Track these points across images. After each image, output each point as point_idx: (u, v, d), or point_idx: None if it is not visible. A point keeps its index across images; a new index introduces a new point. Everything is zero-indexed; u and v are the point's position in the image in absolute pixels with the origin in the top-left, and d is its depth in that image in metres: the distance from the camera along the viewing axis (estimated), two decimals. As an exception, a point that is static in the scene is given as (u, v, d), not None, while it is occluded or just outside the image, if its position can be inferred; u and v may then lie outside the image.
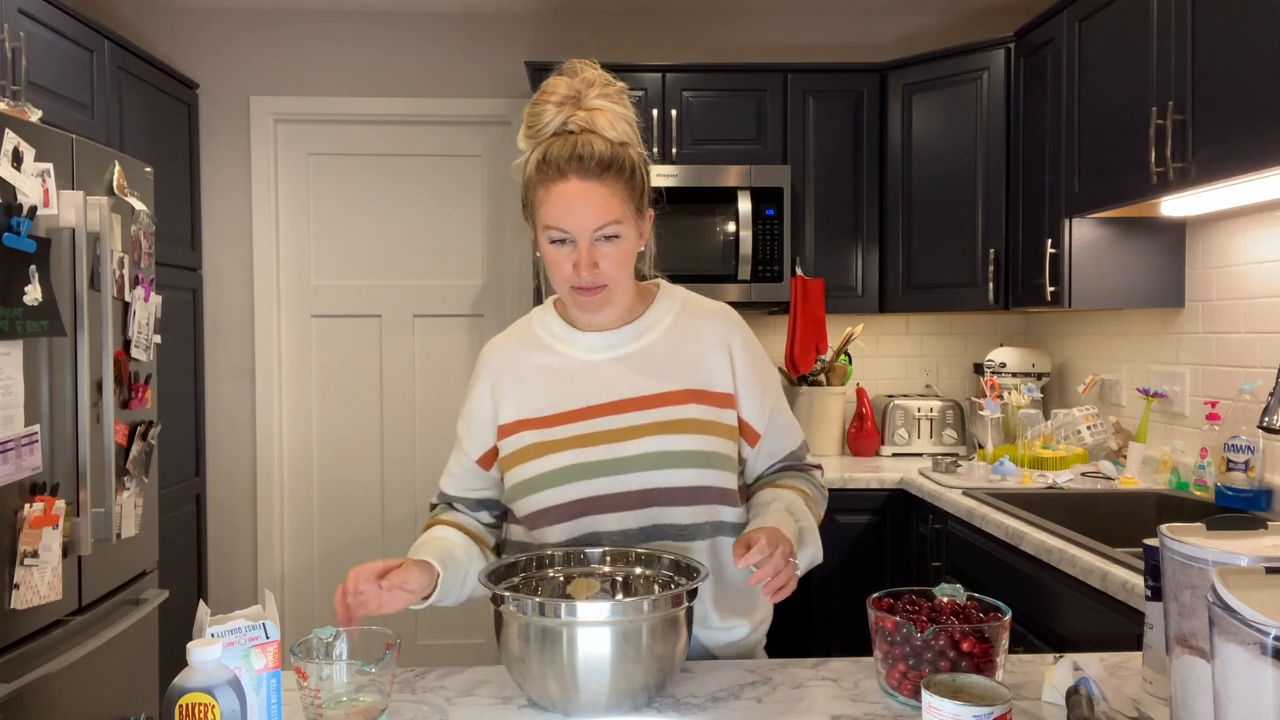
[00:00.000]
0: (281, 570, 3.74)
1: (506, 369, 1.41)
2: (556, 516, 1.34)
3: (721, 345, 1.40)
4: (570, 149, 1.27)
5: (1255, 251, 2.41)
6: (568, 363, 1.38)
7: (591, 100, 1.29)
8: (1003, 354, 3.41)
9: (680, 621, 1.13)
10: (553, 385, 1.37)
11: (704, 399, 1.36)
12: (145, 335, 2.50)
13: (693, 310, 1.43)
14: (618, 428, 1.33)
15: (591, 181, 1.26)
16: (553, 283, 1.34)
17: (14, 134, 1.95)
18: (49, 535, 2.03)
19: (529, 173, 1.32)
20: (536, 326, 1.44)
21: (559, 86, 1.30)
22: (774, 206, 3.22)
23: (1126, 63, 2.38)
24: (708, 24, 3.71)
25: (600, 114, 1.29)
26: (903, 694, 1.14)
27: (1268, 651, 0.73)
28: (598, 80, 1.31)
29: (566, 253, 1.29)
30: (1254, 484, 2.29)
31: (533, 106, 1.31)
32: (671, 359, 1.38)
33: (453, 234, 3.78)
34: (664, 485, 1.33)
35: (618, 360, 1.37)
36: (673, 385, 1.36)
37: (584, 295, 1.31)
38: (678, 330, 1.40)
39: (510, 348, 1.43)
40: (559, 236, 1.29)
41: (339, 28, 3.68)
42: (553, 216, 1.28)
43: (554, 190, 1.28)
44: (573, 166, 1.26)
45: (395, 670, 1.13)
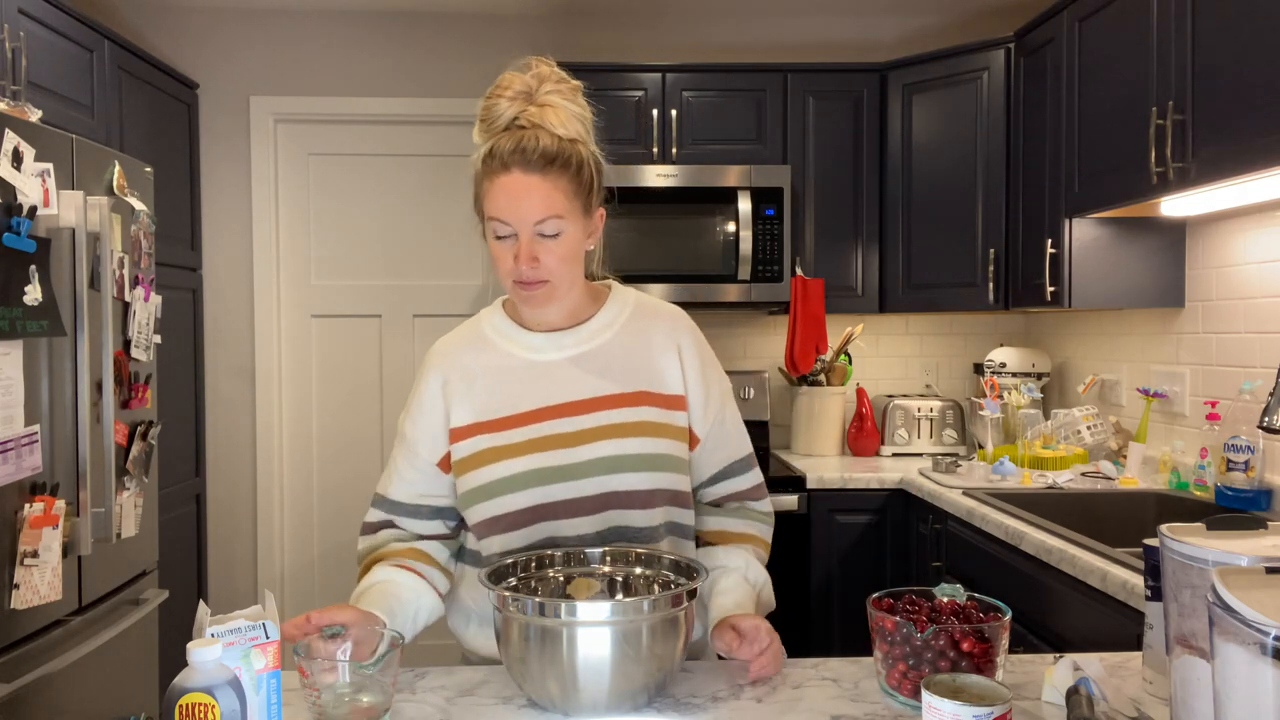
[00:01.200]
0: (281, 570, 3.74)
1: (456, 369, 1.38)
2: (512, 523, 1.32)
3: (672, 346, 1.39)
4: (515, 143, 1.26)
5: (1255, 251, 2.41)
6: (516, 363, 1.36)
7: (544, 96, 1.29)
8: (1003, 354, 3.41)
9: (680, 621, 1.13)
10: (503, 385, 1.35)
11: (655, 401, 1.36)
12: (145, 335, 2.50)
13: (644, 312, 1.42)
14: (571, 431, 1.32)
15: (534, 175, 1.26)
16: (498, 277, 1.32)
17: (14, 134, 1.95)
18: (49, 535, 2.03)
19: (477, 167, 1.31)
20: (485, 326, 1.41)
21: (513, 82, 1.30)
22: (774, 206, 3.22)
23: (1126, 63, 2.38)
24: (708, 24, 3.72)
25: (551, 110, 1.29)
26: (903, 694, 1.14)
27: (1268, 651, 0.73)
28: (551, 76, 1.31)
29: (508, 246, 1.28)
30: (1254, 484, 2.29)
31: (486, 100, 1.31)
32: (623, 360, 1.36)
33: (453, 234, 3.78)
34: (619, 489, 1.32)
35: (568, 361, 1.35)
36: (624, 387, 1.35)
37: (525, 289, 1.29)
38: (629, 332, 1.39)
39: (460, 347, 1.40)
40: (502, 230, 1.28)
41: (339, 28, 3.68)
42: (494, 208, 1.27)
43: (496, 182, 1.27)
44: (515, 159, 1.25)
45: (398, 670, 1.13)
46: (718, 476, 1.46)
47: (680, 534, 1.40)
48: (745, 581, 1.37)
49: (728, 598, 1.34)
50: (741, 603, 1.33)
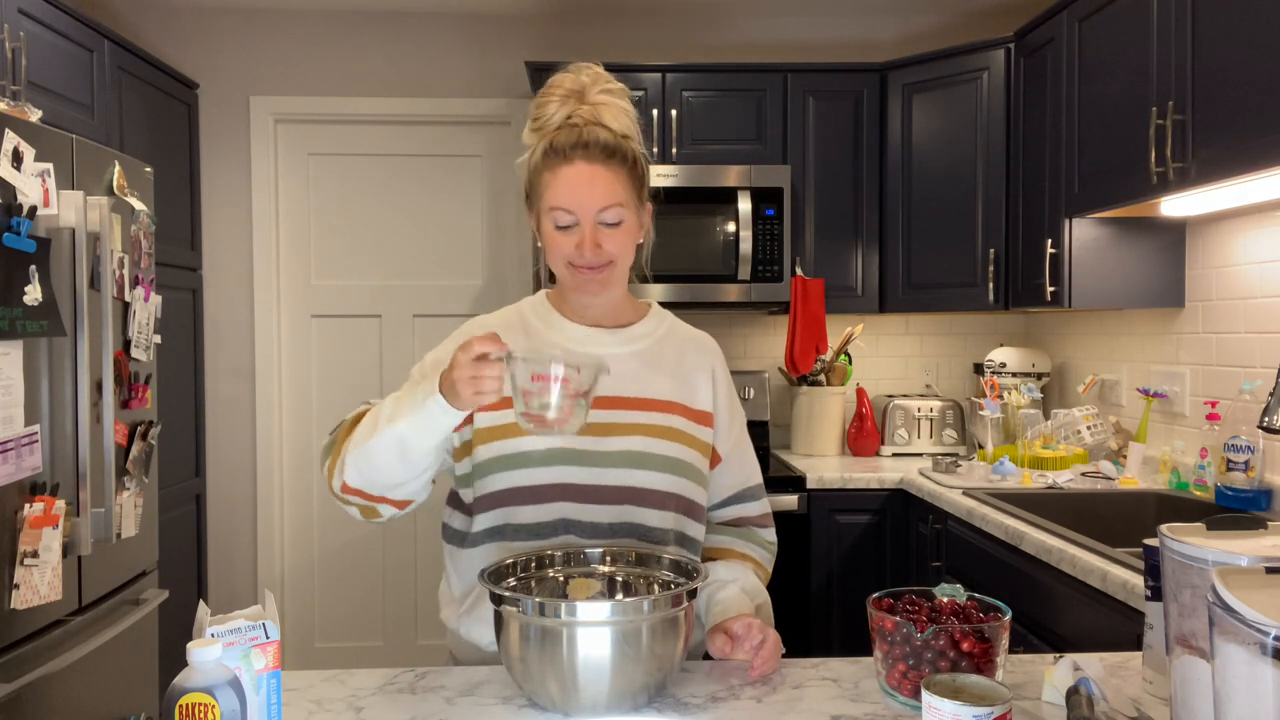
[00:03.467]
0: (281, 570, 3.74)
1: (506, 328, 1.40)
2: (533, 496, 1.33)
3: (707, 368, 1.45)
4: (576, 136, 1.31)
5: (1255, 251, 2.41)
6: (555, 350, 1.38)
7: (595, 96, 1.34)
8: (1003, 354, 3.41)
9: (680, 621, 1.13)
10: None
11: (684, 412, 1.40)
12: (145, 335, 2.50)
13: (680, 332, 1.48)
14: (603, 422, 1.34)
15: (596, 165, 1.31)
16: (553, 264, 1.36)
17: (14, 134, 1.95)
18: (49, 535, 2.03)
19: (535, 162, 1.35)
20: (527, 312, 1.45)
21: (563, 82, 1.35)
22: (774, 206, 3.22)
23: (1126, 63, 2.38)
24: (708, 24, 3.72)
25: (604, 108, 1.34)
26: (903, 694, 1.14)
27: (1268, 651, 0.73)
28: (600, 78, 1.36)
29: (570, 235, 1.32)
30: (1254, 484, 2.29)
31: (538, 101, 1.36)
32: (659, 369, 1.41)
33: (453, 234, 3.78)
34: (639, 485, 1.34)
35: (607, 357, 1.38)
36: (658, 393, 1.39)
37: (586, 273, 1.33)
38: (667, 345, 1.44)
39: (502, 325, 1.42)
40: (564, 220, 1.31)
41: (339, 28, 3.68)
42: (558, 198, 1.31)
43: (560, 173, 1.31)
44: (578, 152, 1.30)
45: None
46: (731, 500, 1.49)
47: (688, 546, 1.41)
48: (742, 593, 1.38)
49: (723, 608, 1.35)
50: (738, 611, 1.34)
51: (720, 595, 1.37)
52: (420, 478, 1.29)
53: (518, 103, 3.68)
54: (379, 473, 1.26)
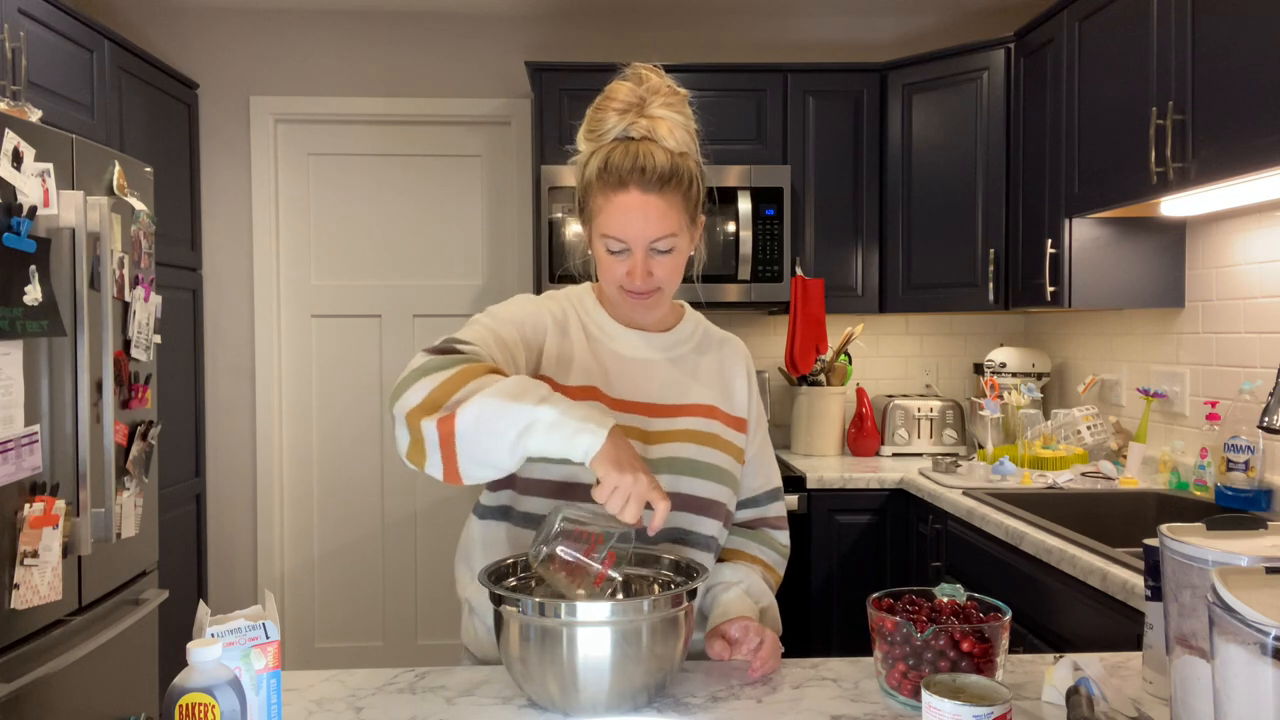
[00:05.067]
0: (281, 570, 3.74)
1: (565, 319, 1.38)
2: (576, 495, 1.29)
3: (743, 372, 1.47)
4: (632, 160, 1.27)
5: (1255, 251, 2.41)
6: (603, 352, 1.39)
7: (654, 109, 1.30)
8: (1003, 354, 3.41)
9: (680, 621, 1.13)
10: (581, 363, 1.37)
11: (723, 418, 1.41)
12: (145, 335, 2.50)
13: (712, 334, 1.49)
14: (651, 430, 1.34)
15: (651, 194, 1.28)
16: (604, 284, 1.36)
17: (14, 134, 1.95)
18: (49, 535, 2.03)
19: (589, 177, 1.32)
20: (577, 304, 1.43)
21: (621, 92, 1.31)
22: (774, 206, 3.22)
23: (1126, 63, 2.38)
24: (708, 24, 3.72)
25: (662, 122, 1.30)
26: (903, 694, 1.14)
27: (1268, 651, 0.73)
28: (662, 88, 1.31)
29: (622, 260, 1.31)
30: (1254, 484, 2.29)
31: (595, 110, 1.32)
32: (697, 374, 1.42)
33: (453, 234, 3.78)
34: (685, 492, 1.34)
35: (650, 364, 1.39)
36: (700, 399, 1.40)
37: (635, 298, 1.34)
38: (704, 349, 1.45)
39: (555, 307, 1.40)
40: (616, 247, 1.30)
41: (339, 28, 3.68)
42: (611, 226, 1.29)
43: (614, 200, 1.28)
44: (634, 178, 1.27)
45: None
46: (751, 501, 1.50)
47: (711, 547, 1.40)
48: (746, 595, 1.38)
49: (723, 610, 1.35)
50: (740, 614, 1.33)
51: (723, 597, 1.37)
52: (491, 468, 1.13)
53: (518, 103, 3.68)
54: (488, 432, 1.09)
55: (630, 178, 1.27)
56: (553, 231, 3.20)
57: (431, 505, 3.79)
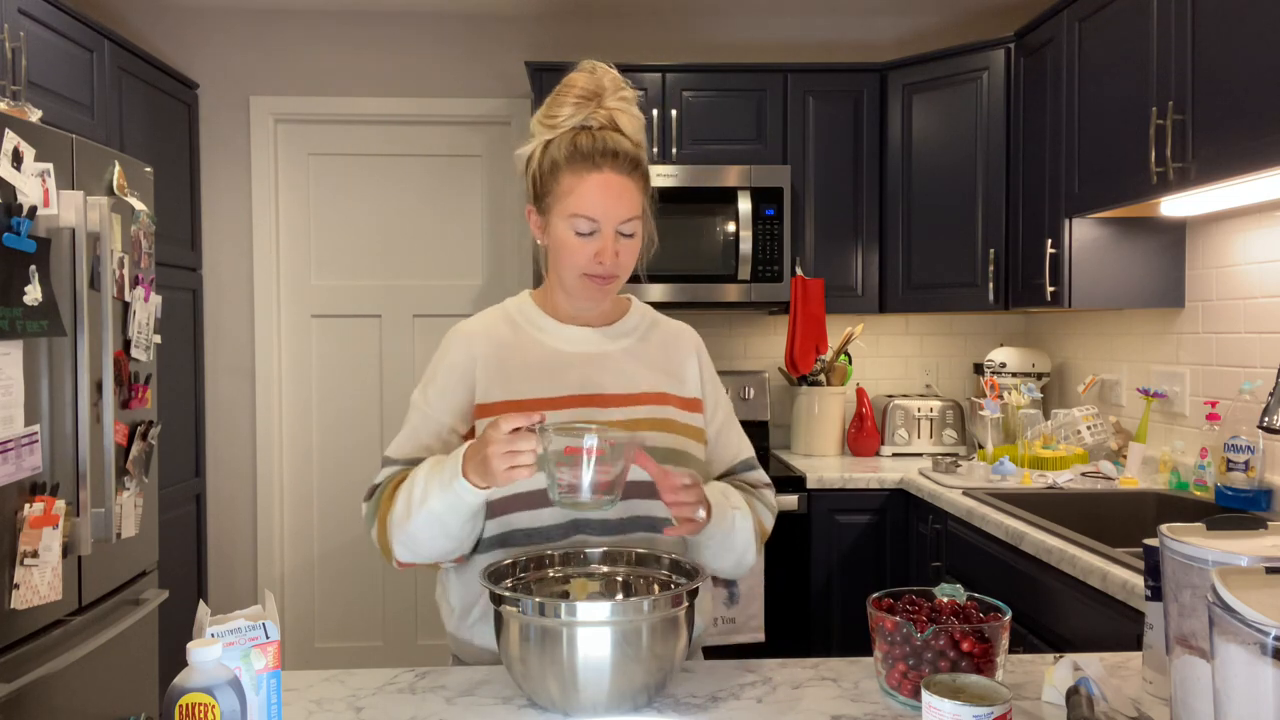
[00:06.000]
0: (281, 570, 3.74)
1: (486, 348, 1.41)
2: (540, 501, 1.31)
3: (691, 355, 1.49)
4: (603, 143, 1.32)
5: (1255, 251, 2.41)
6: (547, 352, 1.41)
7: (611, 100, 1.35)
8: (1003, 354, 3.41)
9: (680, 621, 1.13)
10: (535, 370, 1.39)
11: (676, 402, 1.43)
12: (145, 335, 2.50)
13: (661, 324, 1.52)
14: (612, 420, 1.36)
15: (623, 176, 1.33)
16: (563, 270, 1.36)
17: (14, 134, 1.95)
18: (49, 535, 2.03)
19: (553, 159, 1.34)
20: (514, 313, 1.46)
21: (580, 81, 1.35)
22: (774, 206, 3.22)
23: (1126, 63, 2.38)
24: (708, 24, 3.72)
25: (621, 115, 1.36)
26: (903, 694, 1.14)
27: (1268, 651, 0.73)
28: (617, 82, 1.37)
29: (590, 242, 1.34)
30: (1254, 484, 2.29)
31: (554, 98, 1.36)
32: (649, 362, 1.44)
33: (453, 234, 3.78)
34: (643, 479, 1.33)
35: (598, 355, 1.42)
36: (651, 386, 1.42)
37: (597, 283, 1.36)
38: (651, 339, 1.48)
39: (487, 331, 1.43)
40: (585, 227, 1.33)
41: (339, 28, 3.68)
42: (584, 205, 1.32)
43: (588, 180, 1.32)
44: (608, 160, 1.32)
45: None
46: (729, 473, 1.51)
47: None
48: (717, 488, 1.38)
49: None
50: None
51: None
52: (469, 540, 1.32)
53: (518, 103, 3.68)
54: (425, 547, 1.29)
55: (603, 160, 1.32)
56: (553, 231, 3.20)
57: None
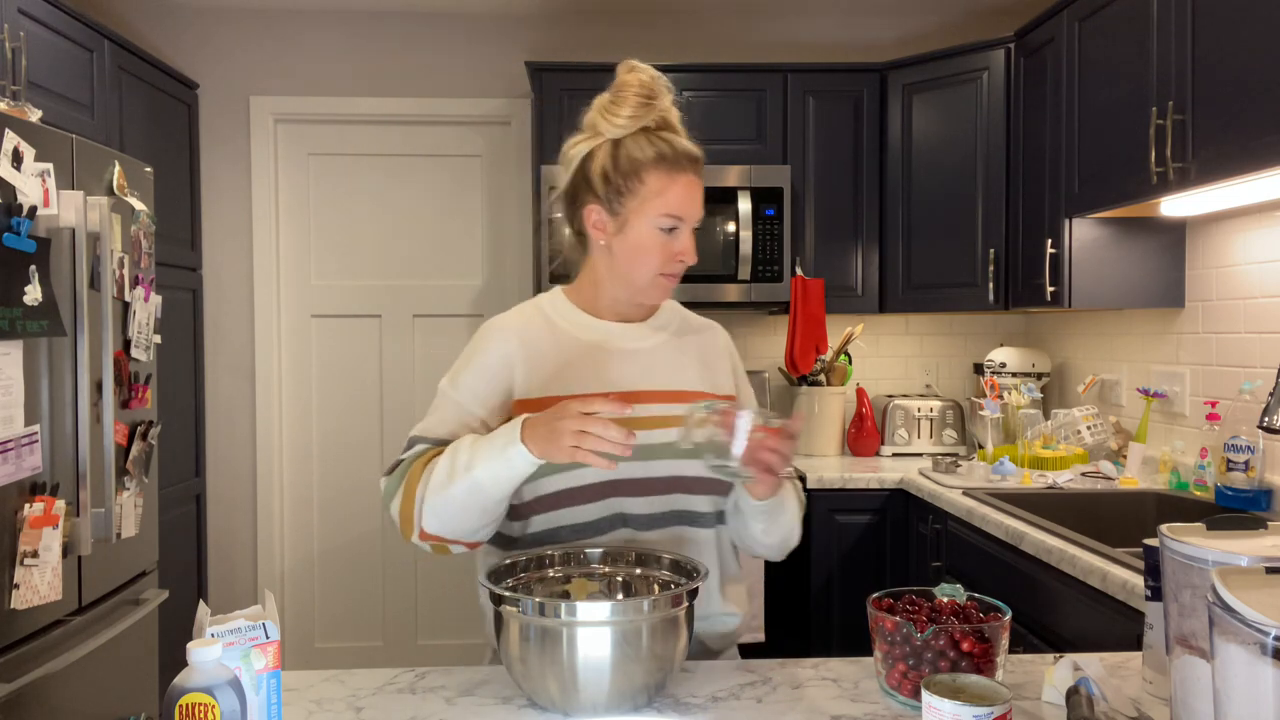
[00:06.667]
0: (281, 570, 3.74)
1: (519, 346, 1.41)
2: (587, 496, 1.34)
3: (724, 353, 1.52)
4: (685, 146, 1.38)
5: (1255, 251, 2.41)
6: (584, 346, 1.41)
7: (665, 102, 1.39)
8: (1003, 354, 3.41)
9: (680, 621, 1.13)
10: (572, 365, 1.40)
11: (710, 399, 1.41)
12: (145, 335, 2.50)
13: (692, 320, 1.54)
14: (645, 415, 1.37)
15: (699, 179, 1.40)
16: (638, 268, 1.38)
17: (14, 134, 1.95)
18: (49, 535, 2.03)
19: (634, 159, 1.36)
20: (547, 310, 1.46)
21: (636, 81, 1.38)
22: (774, 206, 3.22)
23: (1126, 63, 2.38)
24: (708, 24, 3.72)
25: (672, 115, 1.40)
26: (903, 694, 1.14)
27: (1268, 651, 0.73)
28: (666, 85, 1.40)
29: (669, 240, 1.37)
30: (1254, 484, 2.29)
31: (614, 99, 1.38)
32: (684, 358, 1.46)
33: (453, 234, 3.78)
34: (686, 474, 1.37)
35: (633, 353, 1.42)
36: (688, 384, 1.43)
37: (671, 280, 1.40)
38: (684, 334, 1.49)
39: (522, 326, 1.43)
40: (670, 224, 1.36)
41: (339, 28, 3.68)
42: (675, 205, 1.36)
43: (679, 180, 1.36)
44: (692, 163, 1.38)
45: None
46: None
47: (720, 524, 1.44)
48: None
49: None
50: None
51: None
52: (495, 523, 1.31)
53: (518, 103, 3.68)
54: (456, 519, 1.27)
55: (689, 163, 1.38)
56: (553, 231, 3.20)
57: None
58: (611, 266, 1.40)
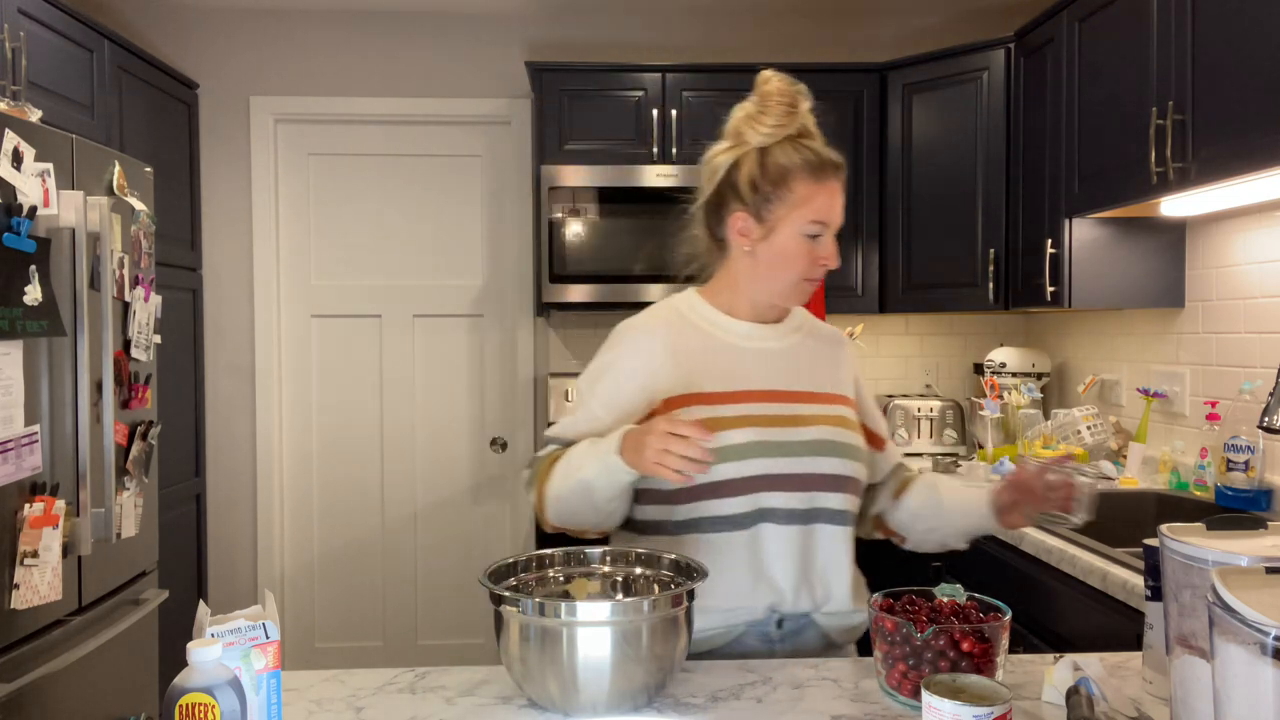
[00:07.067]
0: (281, 570, 3.74)
1: (663, 347, 1.44)
2: (733, 490, 1.37)
3: (849, 361, 1.56)
4: (830, 154, 1.41)
5: (1255, 251, 2.41)
6: (723, 346, 1.45)
7: (806, 111, 1.43)
8: (1003, 354, 3.41)
9: (680, 621, 1.13)
10: (714, 364, 1.43)
11: (845, 402, 1.50)
12: (145, 335, 2.50)
13: (820, 326, 1.58)
14: (789, 414, 1.41)
15: (842, 185, 1.43)
16: (782, 273, 1.41)
17: (14, 134, 1.95)
18: (49, 535, 2.03)
19: (783, 166, 1.39)
20: (684, 310, 1.50)
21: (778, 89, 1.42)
22: (774, 206, 3.22)
23: (1126, 63, 2.38)
24: (707, 24, 3.71)
25: (809, 121, 1.43)
26: (903, 694, 1.14)
27: (1268, 651, 0.73)
28: (804, 92, 1.44)
29: (813, 246, 1.40)
30: (1254, 484, 2.29)
31: (760, 107, 1.42)
32: (814, 361, 1.50)
33: (453, 234, 3.78)
34: (826, 472, 1.41)
35: (772, 353, 1.46)
36: (826, 385, 1.48)
37: (813, 285, 1.43)
38: (813, 338, 1.53)
39: (661, 326, 1.47)
40: (817, 231, 1.40)
41: (339, 28, 3.68)
42: (823, 212, 1.39)
43: (825, 187, 1.40)
44: (836, 170, 1.41)
45: None
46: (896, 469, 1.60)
47: (852, 522, 1.48)
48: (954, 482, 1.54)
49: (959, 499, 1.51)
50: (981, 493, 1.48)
51: (948, 499, 1.52)
52: (612, 516, 1.39)
53: (518, 103, 3.68)
54: (573, 515, 1.37)
55: (835, 170, 1.41)
56: (553, 231, 3.20)
57: (431, 505, 3.79)
58: (754, 271, 1.43)
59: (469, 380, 3.78)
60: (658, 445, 1.21)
